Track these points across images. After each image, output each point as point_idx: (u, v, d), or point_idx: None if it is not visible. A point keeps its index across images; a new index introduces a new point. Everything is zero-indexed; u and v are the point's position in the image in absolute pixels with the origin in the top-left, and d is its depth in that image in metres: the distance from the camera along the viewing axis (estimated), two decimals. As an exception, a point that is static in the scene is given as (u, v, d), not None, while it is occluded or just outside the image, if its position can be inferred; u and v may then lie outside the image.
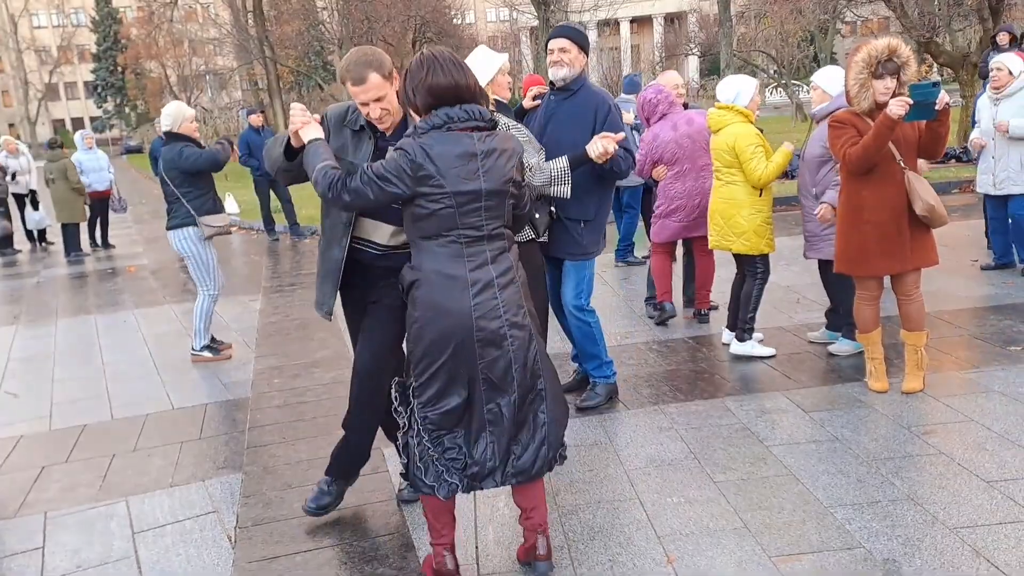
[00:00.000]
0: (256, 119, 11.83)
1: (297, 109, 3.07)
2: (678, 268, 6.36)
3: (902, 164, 4.10)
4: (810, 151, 5.00)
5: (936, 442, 3.78)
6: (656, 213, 6.01)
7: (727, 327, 5.49)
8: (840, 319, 5.29)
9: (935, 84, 3.80)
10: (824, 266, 5.21)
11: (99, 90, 65.65)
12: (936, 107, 3.84)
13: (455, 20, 41.07)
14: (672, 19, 60.07)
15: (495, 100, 4.25)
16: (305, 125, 3.02)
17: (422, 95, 2.69)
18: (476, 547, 3.22)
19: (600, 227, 4.38)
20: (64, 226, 11.64)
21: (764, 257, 5.23)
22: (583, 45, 4.26)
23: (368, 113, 3.01)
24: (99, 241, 12.40)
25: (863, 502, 3.30)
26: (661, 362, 5.27)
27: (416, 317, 2.73)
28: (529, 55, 59.94)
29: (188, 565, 3.24)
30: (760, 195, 5.08)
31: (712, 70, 40.16)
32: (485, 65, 4.18)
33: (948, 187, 11.22)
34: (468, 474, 2.80)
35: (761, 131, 5.12)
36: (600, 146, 3.88)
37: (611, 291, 7.21)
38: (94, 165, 12.03)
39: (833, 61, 40.00)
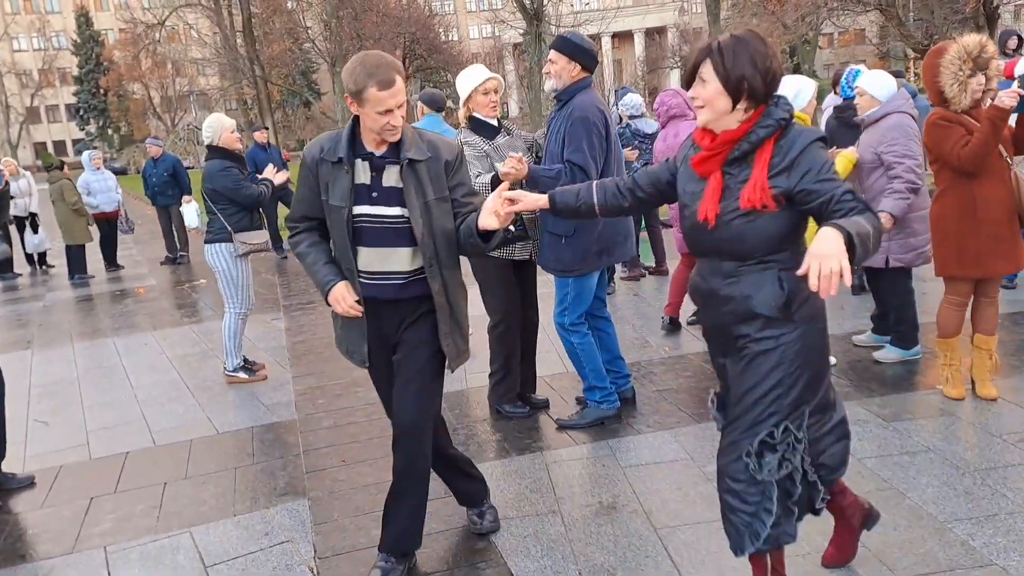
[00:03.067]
0: (261, 136, 11.65)
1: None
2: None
3: (1008, 160, 4.00)
4: (862, 157, 4.87)
5: (1036, 451, 3.64)
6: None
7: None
8: (887, 325, 5.18)
9: (1040, 75, 3.72)
10: (874, 272, 5.11)
11: (81, 113, 65.16)
12: None
13: (444, 37, 41.14)
14: (653, 33, 60.52)
15: (472, 117, 4.36)
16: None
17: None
18: None
19: (582, 245, 4.14)
20: (68, 248, 11.37)
21: None
22: (572, 54, 4.13)
23: (388, 122, 2.75)
24: (108, 262, 12.19)
25: (980, 516, 3.15)
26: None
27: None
28: (513, 71, 60.21)
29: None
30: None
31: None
32: (462, 83, 4.35)
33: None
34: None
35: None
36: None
37: (642, 301, 7.07)
38: (102, 186, 11.80)
39: (812, 74, 40.25)
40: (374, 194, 2.85)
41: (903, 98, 4.91)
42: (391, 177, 2.85)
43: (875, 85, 4.86)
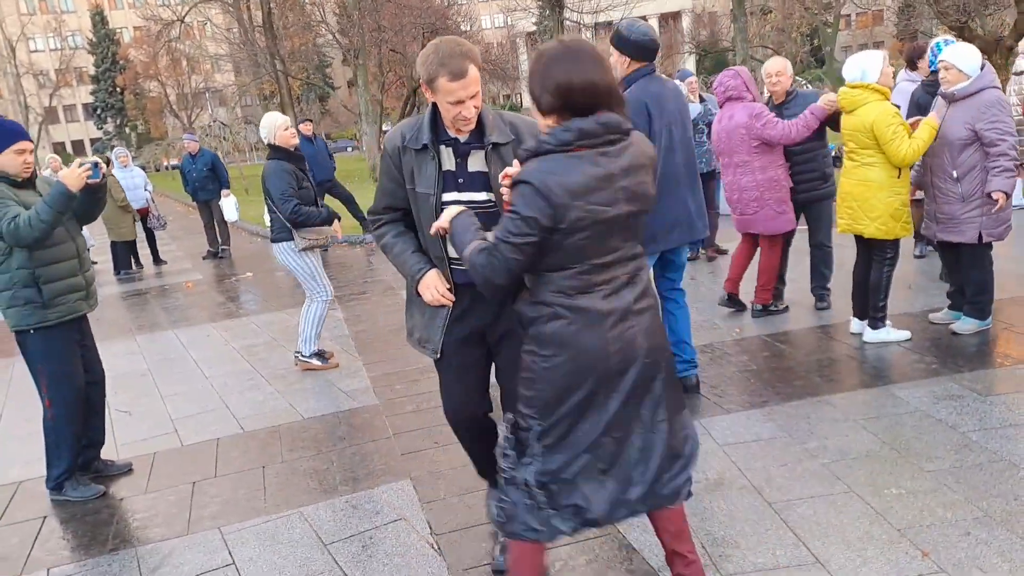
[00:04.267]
0: (306, 128, 11.68)
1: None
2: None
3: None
4: (953, 133, 4.83)
5: None
6: None
7: (855, 316, 5.34)
8: (963, 299, 5.17)
9: None
10: (956, 248, 5.09)
11: (99, 112, 65.57)
12: None
13: (463, 27, 41.09)
14: (667, 18, 60.15)
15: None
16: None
17: (550, 94, 2.29)
18: None
19: None
20: (113, 244, 11.47)
21: (895, 242, 5.08)
22: (618, 47, 4.27)
23: (460, 113, 2.64)
24: (150, 258, 12.30)
25: (1103, 485, 3.15)
26: (795, 354, 5.12)
27: (544, 355, 2.39)
28: (527, 61, 59.98)
29: (400, 575, 3.08)
30: (899, 176, 4.93)
31: (717, 67, 40.14)
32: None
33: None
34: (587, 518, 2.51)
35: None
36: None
37: (701, 284, 7.06)
38: (129, 184, 11.85)
39: (833, 56, 40.00)
40: (460, 180, 2.77)
41: (992, 73, 4.86)
42: (476, 162, 2.77)
43: (963, 59, 4.81)
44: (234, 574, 3.23)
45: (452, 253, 2.83)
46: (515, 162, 2.47)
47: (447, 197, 2.76)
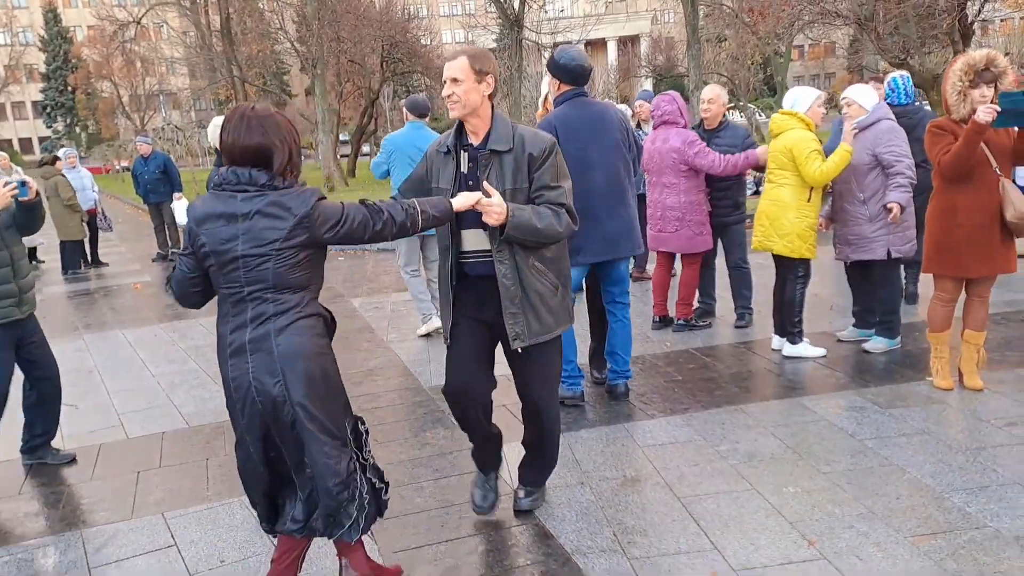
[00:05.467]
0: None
1: None
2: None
3: (998, 171, 4.35)
4: (857, 159, 5.23)
5: (1020, 433, 4.01)
6: None
7: (776, 333, 5.70)
8: (872, 317, 5.58)
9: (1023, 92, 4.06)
10: (863, 270, 5.49)
11: (48, 110, 64.28)
12: None
13: (423, 41, 41.25)
14: (626, 42, 61.11)
15: None
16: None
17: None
18: None
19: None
20: (63, 243, 11.43)
21: (805, 262, 5.46)
22: (551, 71, 4.69)
23: (447, 94, 3.09)
24: (89, 259, 12.21)
25: (974, 487, 3.50)
26: (719, 366, 5.44)
27: None
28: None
29: (327, 557, 3.29)
30: (808, 200, 5.31)
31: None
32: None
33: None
34: None
35: None
36: None
37: (638, 300, 7.39)
38: (78, 184, 11.81)
39: (784, 85, 41.10)
40: (470, 182, 3.14)
41: (886, 106, 5.37)
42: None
43: (862, 96, 5.28)
44: (175, 554, 3.41)
45: (464, 247, 3.18)
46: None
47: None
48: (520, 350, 3.20)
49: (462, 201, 2.96)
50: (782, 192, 5.34)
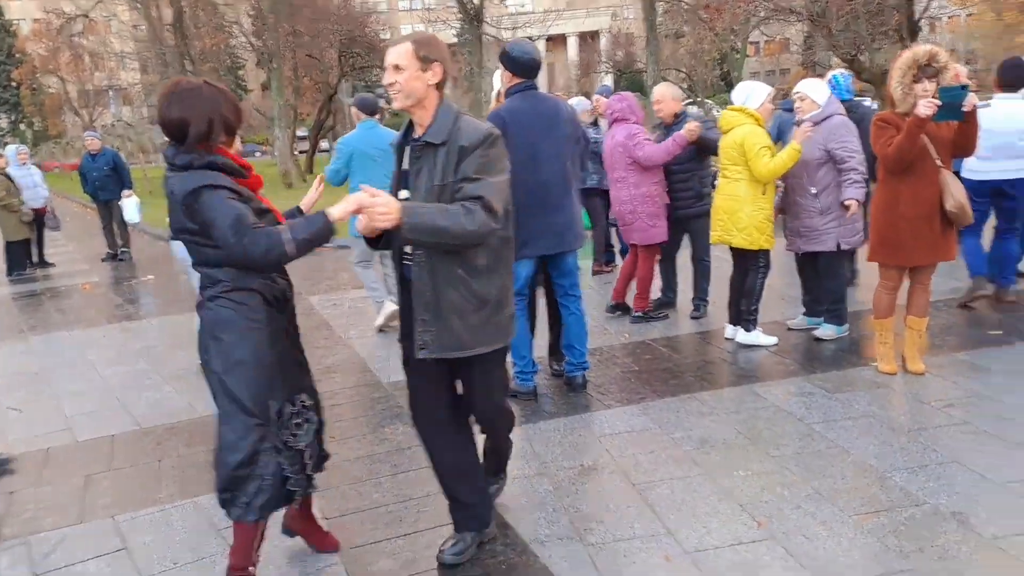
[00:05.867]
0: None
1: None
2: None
3: (938, 163, 4.47)
4: (809, 154, 5.34)
5: (958, 414, 4.14)
6: None
7: (730, 322, 5.80)
8: (821, 307, 5.71)
9: (963, 87, 4.19)
10: (813, 260, 5.60)
11: (-8, 106, 62.51)
12: (964, 108, 4.22)
13: (382, 35, 40.96)
14: (586, 37, 61.31)
15: None
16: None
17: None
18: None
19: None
20: (7, 244, 11.15)
21: (766, 252, 5.56)
22: (502, 62, 4.70)
23: (384, 81, 2.86)
24: (34, 259, 11.90)
25: (915, 466, 3.61)
26: (675, 356, 5.52)
27: None
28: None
29: (291, 552, 3.29)
30: (763, 193, 5.41)
31: (632, 88, 41.26)
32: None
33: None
34: None
35: None
36: None
37: (596, 293, 7.46)
38: (27, 182, 11.47)
39: (740, 80, 41.63)
40: (411, 178, 2.91)
41: (838, 102, 5.47)
42: None
43: (814, 91, 5.38)
44: (126, 558, 3.37)
45: (406, 248, 2.95)
46: None
47: (402, 195, 2.92)
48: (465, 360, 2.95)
49: (342, 208, 2.70)
50: (737, 187, 5.42)
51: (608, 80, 50.86)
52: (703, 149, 6.09)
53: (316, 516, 3.37)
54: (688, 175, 6.25)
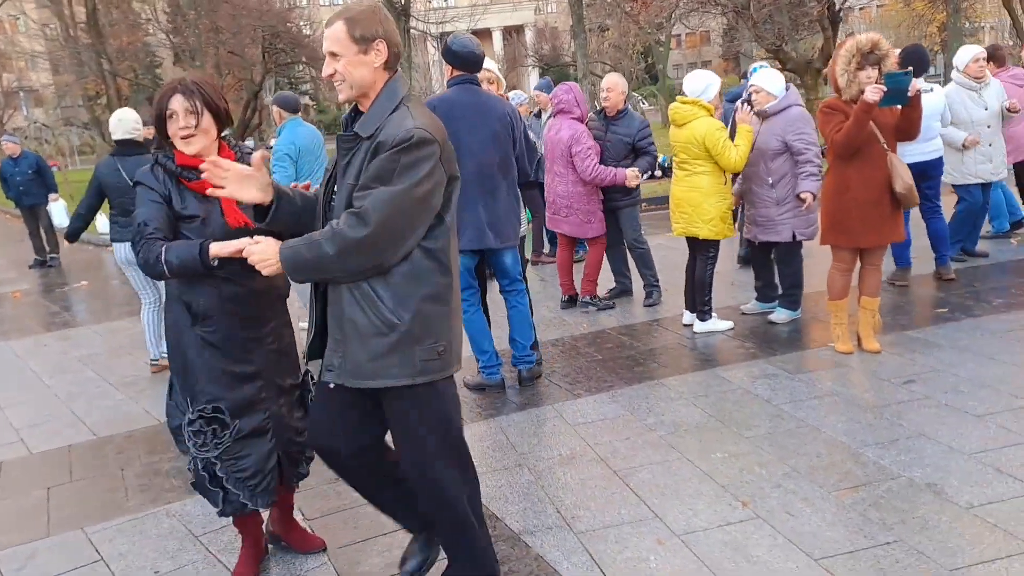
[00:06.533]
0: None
1: None
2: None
3: (885, 147, 4.61)
4: (767, 144, 5.44)
5: (918, 389, 4.30)
6: None
7: (687, 309, 5.89)
8: (773, 292, 5.86)
9: (907, 72, 4.33)
10: (769, 248, 5.74)
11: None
12: (908, 93, 4.37)
13: (305, 31, 40.26)
14: (511, 31, 61.43)
15: None
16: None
17: None
18: (558, 513, 3.39)
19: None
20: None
21: (716, 243, 5.67)
22: (444, 56, 4.75)
23: (323, 73, 2.47)
24: None
25: (884, 441, 3.73)
26: (636, 344, 5.59)
27: None
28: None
29: (279, 556, 3.22)
30: (724, 183, 5.51)
31: (559, 81, 41.59)
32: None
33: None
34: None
35: None
36: None
37: (550, 285, 7.49)
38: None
39: (666, 74, 42.23)
40: (339, 175, 2.56)
41: (796, 93, 5.58)
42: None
43: (770, 83, 5.48)
44: (104, 569, 3.24)
45: None
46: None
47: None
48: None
49: (222, 248, 2.54)
50: (699, 180, 5.47)
51: (534, 75, 51.02)
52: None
53: (297, 518, 3.31)
54: None
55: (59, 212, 11.81)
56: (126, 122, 5.66)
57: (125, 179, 5.45)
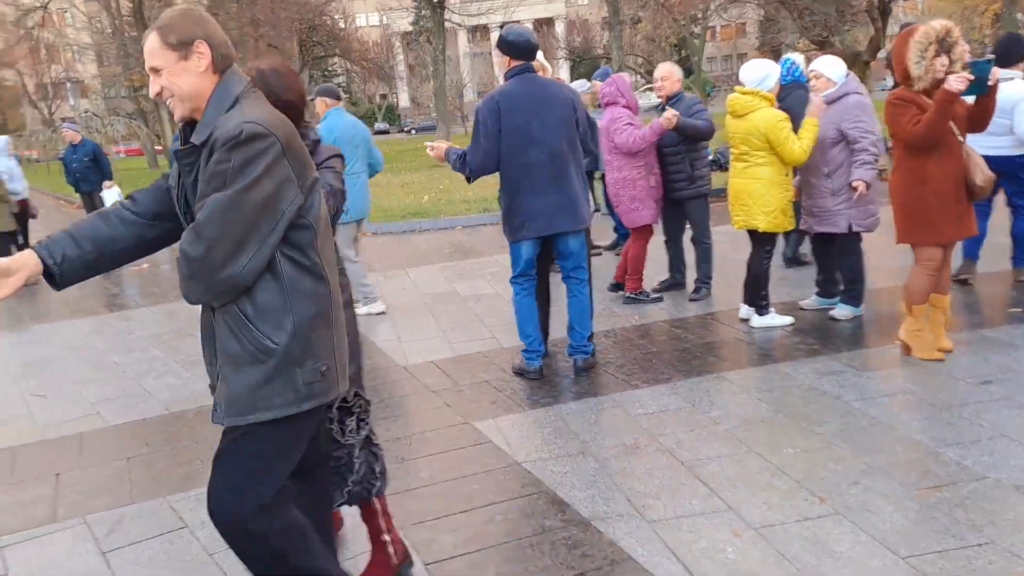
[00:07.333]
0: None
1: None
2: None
3: (960, 137, 4.50)
4: (822, 132, 5.31)
5: (996, 390, 4.19)
6: None
7: (745, 303, 5.81)
8: (834, 287, 5.77)
9: (988, 61, 4.22)
10: (828, 240, 5.64)
11: (-54, 98, 60.69)
12: (988, 83, 4.26)
13: (340, 24, 40.54)
14: (542, 24, 61.28)
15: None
16: None
17: None
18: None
19: (508, 220, 4.81)
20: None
21: (774, 237, 5.59)
22: (498, 47, 4.80)
23: (151, 92, 2.24)
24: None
25: (965, 441, 3.64)
26: (691, 337, 5.53)
27: None
28: (402, 61, 59.65)
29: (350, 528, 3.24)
30: (786, 174, 5.43)
31: (590, 74, 41.49)
32: None
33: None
34: None
35: None
36: None
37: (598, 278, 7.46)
38: (17, 172, 11.22)
39: (699, 65, 41.73)
40: (178, 196, 2.29)
41: (855, 80, 5.48)
42: None
43: (830, 68, 5.39)
44: (189, 536, 3.32)
45: None
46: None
47: None
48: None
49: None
50: (760, 171, 5.39)
51: (565, 68, 50.81)
52: (688, 136, 6.19)
53: None
54: (679, 158, 6.33)
55: (111, 199, 12.01)
56: None
57: None
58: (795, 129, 5.31)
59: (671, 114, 5.95)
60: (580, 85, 8.33)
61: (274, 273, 2.14)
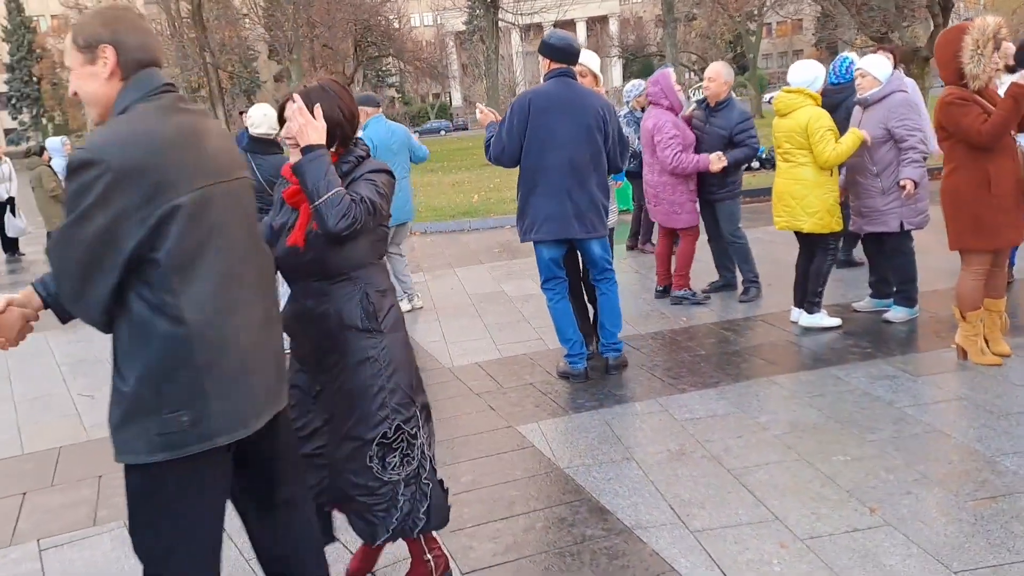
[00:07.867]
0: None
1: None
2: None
3: (1015, 137, 4.35)
4: (871, 132, 5.20)
5: (1057, 396, 4.03)
6: None
7: (796, 305, 5.69)
8: (888, 288, 5.60)
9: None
10: (880, 240, 5.48)
11: (14, 101, 62.90)
12: None
13: (394, 24, 40.86)
14: (595, 22, 60.95)
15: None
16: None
17: None
18: (673, 509, 3.31)
19: (522, 222, 4.85)
20: (49, 235, 11.16)
21: (837, 234, 5.45)
22: (540, 50, 4.86)
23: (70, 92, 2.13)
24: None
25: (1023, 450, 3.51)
26: (740, 340, 5.43)
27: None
28: (455, 60, 59.95)
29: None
30: (831, 175, 5.30)
31: (644, 72, 41.03)
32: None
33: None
34: None
35: None
36: None
37: (645, 277, 7.38)
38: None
39: (756, 64, 41.11)
40: None
41: (900, 78, 5.35)
42: None
43: (875, 67, 5.26)
44: (226, 540, 3.33)
45: None
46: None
47: None
48: None
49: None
50: (803, 171, 5.29)
51: (618, 67, 50.36)
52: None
53: None
54: None
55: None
56: (271, 117, 5.53)
57: (259, 179, 5.24)
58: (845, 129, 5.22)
59: (718, 157, 5.97)
60: (635, 86, 8.21)
61: (127, 312, 1.94)
